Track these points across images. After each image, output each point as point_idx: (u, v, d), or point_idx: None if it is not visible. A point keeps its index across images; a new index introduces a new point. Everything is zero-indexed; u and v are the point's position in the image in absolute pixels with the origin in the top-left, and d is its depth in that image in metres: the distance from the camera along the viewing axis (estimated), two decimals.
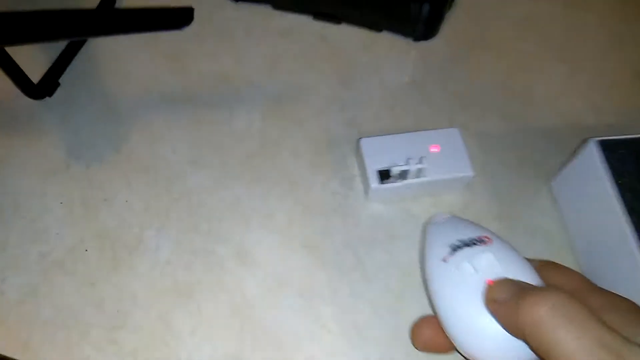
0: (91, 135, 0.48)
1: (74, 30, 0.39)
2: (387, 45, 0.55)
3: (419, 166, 0.43)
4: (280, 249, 0.43)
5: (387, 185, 0.43)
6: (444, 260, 0.33)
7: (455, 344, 0.31)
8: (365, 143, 0.45)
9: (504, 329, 0.28)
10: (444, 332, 0.32)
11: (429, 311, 0.41)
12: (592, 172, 0.39)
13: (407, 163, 0.43)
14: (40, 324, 0.40)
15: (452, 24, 0.56)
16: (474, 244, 0.33)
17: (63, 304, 0.41)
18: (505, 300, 0.27)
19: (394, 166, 0.43)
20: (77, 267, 0.42)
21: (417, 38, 0.55)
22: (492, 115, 0.51)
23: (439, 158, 0.44)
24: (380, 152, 0.44)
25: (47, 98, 0.50)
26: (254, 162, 0.47)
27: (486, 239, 0.33)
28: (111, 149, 0.48)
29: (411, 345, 0.37)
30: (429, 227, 0.37)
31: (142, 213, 0.44)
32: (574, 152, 0.43)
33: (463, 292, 0.31)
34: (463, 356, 0.31)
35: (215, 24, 0.56)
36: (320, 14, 0.56)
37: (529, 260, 0.33)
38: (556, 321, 0.24)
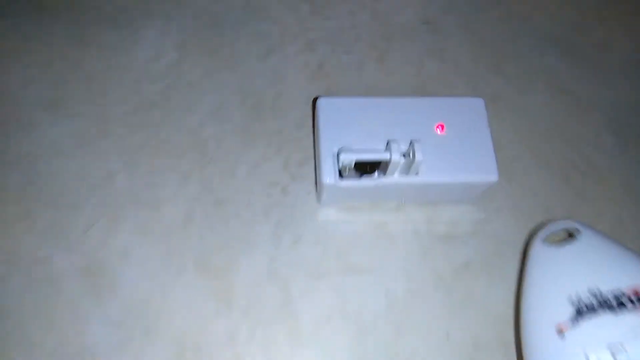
0: None
1: None
2: None
3: (408, 156, 0.27)
4: (159, 266, 0.26)
5: (351, 183, 0.27)
6: (561, 331, 0.22)
7: None
8: (324, 105, 0.28)
9: None
10: None
11: None
12: None
13: (388, 148, 0.27)
14: None
15: None
16: (622, 304, 0.21)
17: None
18: None
19: (366, 152, 0.26)
20: None
21: None
22: (538, 80, 0.34)
23: (444, 146, 0.28)
24: (347, 124, 0.27)
25: None
26: (152, 115, 0.30)
27: None
28: None
29: None
30: (538, 249, 0.25)
31: None
32: None
33: None
34: None
35: None
36: None
37: None
38: None
